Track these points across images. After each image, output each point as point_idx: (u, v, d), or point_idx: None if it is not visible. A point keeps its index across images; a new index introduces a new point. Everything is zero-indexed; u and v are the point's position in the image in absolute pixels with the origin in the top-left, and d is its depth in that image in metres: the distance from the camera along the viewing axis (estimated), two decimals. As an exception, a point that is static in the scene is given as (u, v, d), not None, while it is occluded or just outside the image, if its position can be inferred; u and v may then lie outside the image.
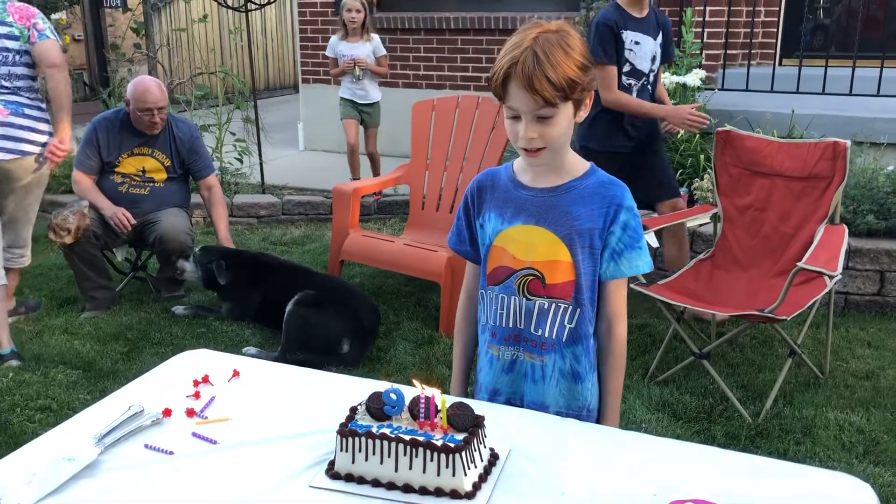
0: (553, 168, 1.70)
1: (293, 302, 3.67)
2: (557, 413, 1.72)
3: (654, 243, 3.88)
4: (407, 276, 4.35)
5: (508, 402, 1.79)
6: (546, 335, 1.73)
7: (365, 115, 5.92)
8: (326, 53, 6.01)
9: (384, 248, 4.14)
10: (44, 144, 3.80)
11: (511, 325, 1.76)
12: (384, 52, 5.91)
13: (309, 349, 3.54)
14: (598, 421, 1.77)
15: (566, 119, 1.61)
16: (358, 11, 5.68)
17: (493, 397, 1.81)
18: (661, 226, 3.55)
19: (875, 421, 3.01)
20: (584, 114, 1.65)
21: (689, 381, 3.34)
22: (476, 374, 1.91)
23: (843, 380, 3.33)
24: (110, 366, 3.55)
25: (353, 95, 5.86)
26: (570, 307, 1.71)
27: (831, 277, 3.12)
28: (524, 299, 1.73)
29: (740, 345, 3.67)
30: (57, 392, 3.29)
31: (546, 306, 1.72)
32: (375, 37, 5.88)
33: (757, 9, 6.01)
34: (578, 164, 1.73)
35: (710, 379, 3.26)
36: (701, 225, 4.18)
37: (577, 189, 1.69)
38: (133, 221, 4.01)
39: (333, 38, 5.90)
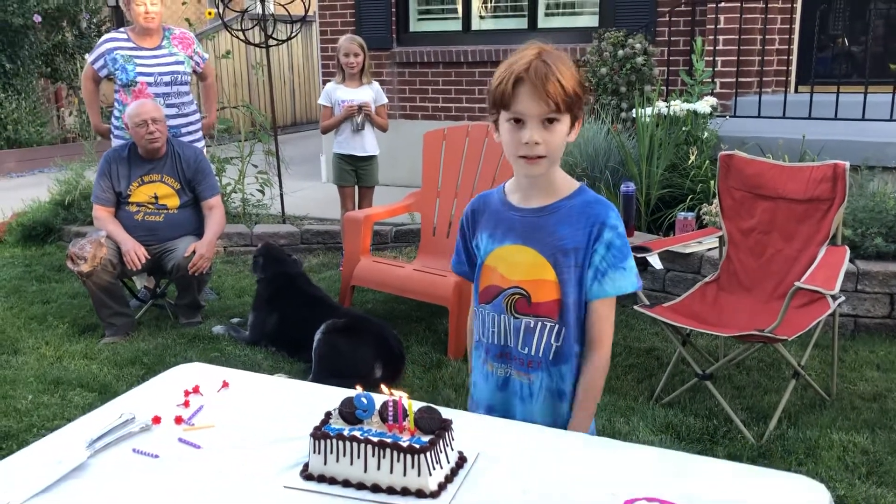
0: (543, 187, 1.75)
1: (321, 330, 3.71)
2: None
3: (658, 265, 3.91)
4: (417, 302, 4.41)
5: None
6: (533, 353, 1.77)
7: (362, 172, 5.31)
8: (321, 102, 5.33)
9: (394, 273, 4.21)
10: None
11: (500, 343, 1.81)
12: (385, 100, 5.35)
13: (341, 376, 3.44)
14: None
15: (565, 131, 1.67)
16: (356, 55, 5.11)
17: (489, 413, 1.85)
18: (666, 248, 3.58)
19: (880, 442, 2.99)
20: (575, 134, 1.70)
21: (694, 404, 3.34)
22: (471, 389, 1.95)
23: (850, 401, 3.31)
24: (126, 389, 3.60)
25: (351, 148, 5.21)
26: (556, 326, 1.75)
27: (833, 297, 3.13)
28: (511, 318, 1.77)
29: (747, 367, 3.67)
30: (74, 413, 3.38)
31: (532, 325, 1.76)
32: (376, 83, 5.34)
33: (770, 37, 6.06)
34: (567, 184, 1.77)
35: (715, 401, 3.26)
36: (709, 249, 4.20)
37: (563, 209, 1.74)
38: (144, 259, 4.15)
39: (329, 85, 5.30)
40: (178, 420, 1.70)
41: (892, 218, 3.99)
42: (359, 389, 1.49)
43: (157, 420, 1.69)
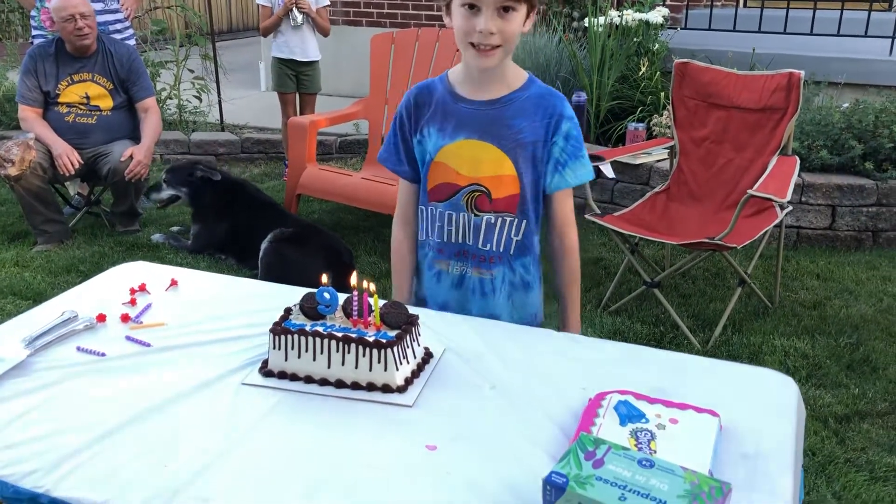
0: (496, 78, 1.68)
1: (269, 239, 3.62)
2: None
3: (611, 174, 3.89)
4: (366, 212, 4.32)
5: None
6: (494, 249, 1.74)
7: (304, 77, 5.11)
8: (259, 1, 5.03)
9: (342, 182, 4.10)
10: None
11: (459, 241, 1.76)
12: (327, 1, 5.10)
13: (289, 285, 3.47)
14: (561, 330, 1.78)
15: (521, 20, 1.59)
16: None
17: (442, 311, 1.81)
18: (618, 157, 3.55)
19: (819, 347, 3.08)
20: (529, 24, 1.62)
21: (641, 311, 3.38)
22: (416, 290, 1.90)
23: (792, 309, 3.40)
24: (62, 297, 3.49)
25: (290, 52, 4.99)
26: (516, 220, 1.72)
27: (781, 207, 3.16)
28: (472, 215, 1.72)
29: (693, 277, 3.72)
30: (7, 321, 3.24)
31: (493, 221, 1.72)
32: None
33: (722, -52, 5.97)
34: (518, 75, 1.72)
35: (661, 308, 3.30)
36: (658, 160, 4.19)
37: (517, 101, 1.68)
38: (78, 164, 3.93)
39: None
40: (125, 318, 1.61)
41: (837, 131, 4.03)
42: (325, 280, 1.42)
43: (101, 318, 1.61)
